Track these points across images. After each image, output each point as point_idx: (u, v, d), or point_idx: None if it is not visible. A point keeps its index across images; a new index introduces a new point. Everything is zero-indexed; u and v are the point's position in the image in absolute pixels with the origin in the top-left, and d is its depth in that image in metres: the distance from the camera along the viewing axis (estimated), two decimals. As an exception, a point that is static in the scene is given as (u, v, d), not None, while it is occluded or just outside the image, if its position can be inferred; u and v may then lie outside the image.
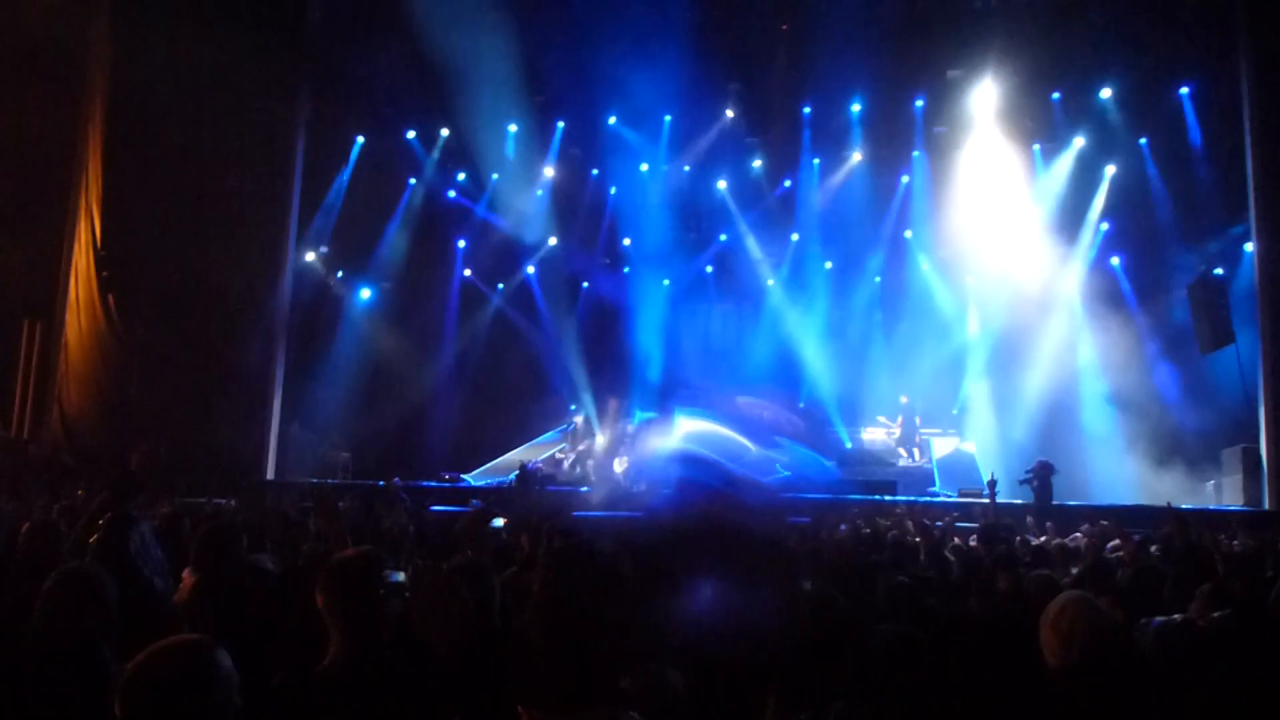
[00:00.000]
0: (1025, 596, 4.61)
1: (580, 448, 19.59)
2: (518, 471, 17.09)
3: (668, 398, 20.63)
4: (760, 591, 2.99)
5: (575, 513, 10.89)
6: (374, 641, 2.74)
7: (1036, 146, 19.37)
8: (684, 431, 18.94)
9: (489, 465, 19.98)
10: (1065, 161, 19.19)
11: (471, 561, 3.37)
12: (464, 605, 2.70)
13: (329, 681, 2.70)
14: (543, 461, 19.35)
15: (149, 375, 17.54)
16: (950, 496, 16.25)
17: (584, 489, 16.22)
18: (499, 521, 7.84)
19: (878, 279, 21.10)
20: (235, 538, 4.38)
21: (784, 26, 18.86)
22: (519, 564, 5.61)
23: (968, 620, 4.41)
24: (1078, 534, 9.75)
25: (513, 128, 20.42)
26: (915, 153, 20.13)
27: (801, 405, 20.66)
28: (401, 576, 2.83)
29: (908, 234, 20.78)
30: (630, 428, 19.80)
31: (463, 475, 18.60)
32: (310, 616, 2.81)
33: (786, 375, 20.76)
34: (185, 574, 4.29)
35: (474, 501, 13.84)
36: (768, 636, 2.92)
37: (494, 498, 14.26)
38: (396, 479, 15.32)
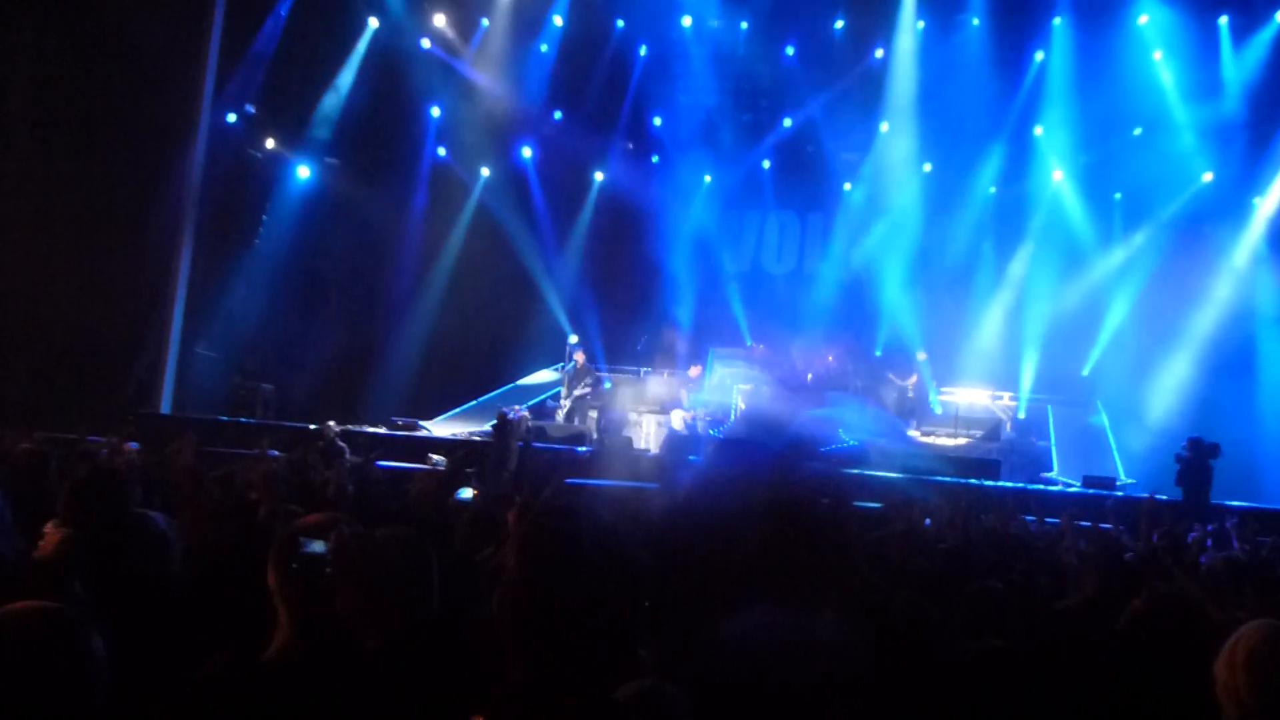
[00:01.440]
0: (1159, 616, 4.66)
1: (579, 392, 19.67)
2: (494, 422, 16.76)
3: (701, 337, 21.08)
4: (822, 601, 3.01)
5: (569, 480, 11.01)
6: (332, 630, 2.82)
7: (1224, 20, 19.18)
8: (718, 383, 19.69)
9: (458, 411, 20.24)
10: (1263, 42, 18.95)
11: (408, 532, 3.46)
12: (403, 588, 2.79)
13: (274, 676, 2.75)
14: (529, 410, 19.16)
15: (5, 271, 17.69)
16: (1071, 485, 16.40)
17: (581, 449, 16.60)
18: (467, 493, 8.06)
19: (992, 189, 21.10)
20: (117, 489, 4.41)
21: None
22: (499, 542, 5.75)
23: (1088, 641, 4.52)
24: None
25: (512, -47, 20.98)
26: (1055, 19, 19.97)
27: (879, 354, 20.81)
28: (322, 547, 2.82)
29: (1038, 131, 20.75)
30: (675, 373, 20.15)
31: (422, 423, 18.92)
32: (238, 597, 2.90)
33: (860, 312, 20.88)
34: (48, 528, 4.35)
35: (435, 459, 14.09)
36: (826, 662, 2.91)
37: (462, 454, 13.61)
38: (332, 422, 15.47)
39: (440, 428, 19.33)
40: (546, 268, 22.20)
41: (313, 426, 15.60)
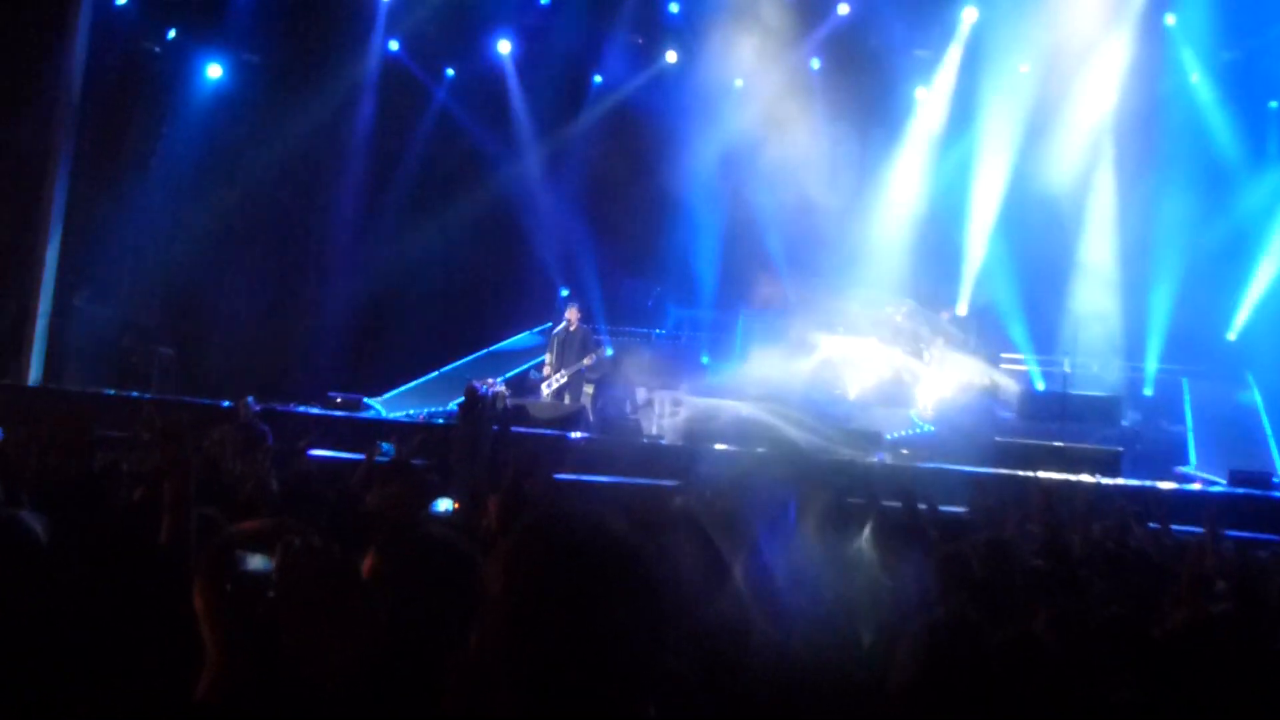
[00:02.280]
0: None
1: (574, 363, 19.65)
2: (461, 399, 16.95)
3: (728, 290, 21.82)
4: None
5: (558, 475, 11.41)
6: (277, 666, 2.82)
7: None
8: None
9: (414, 385, 20.72)
10: None
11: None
12: (367, 614, 2.77)
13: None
14: (505, 384, 19.94)
15: None
16: (1215, 483, 16.42)
17: (575, 435, 16.84)
18: (444, 504, 8.20)
19: (1111, 97, 20.85)
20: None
21: None
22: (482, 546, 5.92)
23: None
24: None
25: None
26: None
27: (960, 313, 21.01)
28: (265, 563, 2.78)
29: (1169, 20, 20.81)
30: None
31: (368, 400, 19.18)
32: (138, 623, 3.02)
33: (937, 257, 21.00)
34: None
35: (384, 446, 13.71)
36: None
37: (418, 441, 14.41)
38: (250, 398, 15.82)
39: (392, 406, 19.69)
40: (530, 200, 22.32)
41: (226, 404, 15.75)
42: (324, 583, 2.77)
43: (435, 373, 21.12)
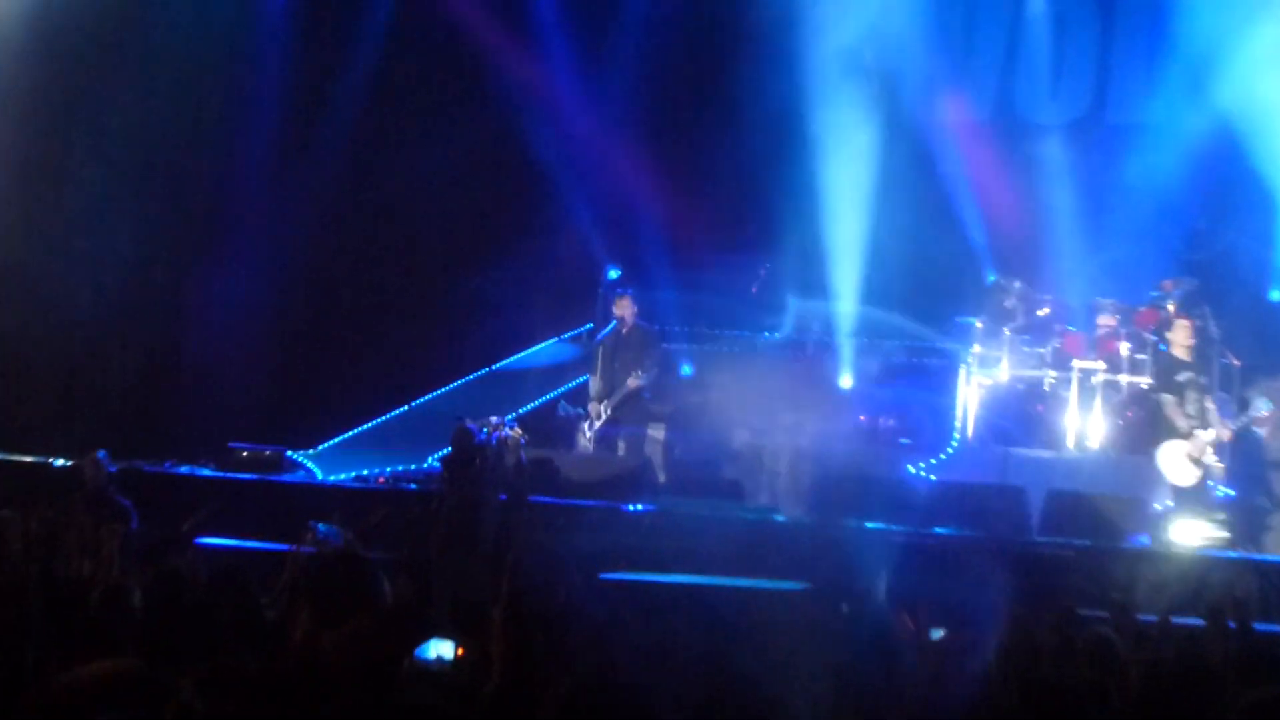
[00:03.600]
0: None
1: (630, 384, 19.82)
2: (448, 450, 17.63)
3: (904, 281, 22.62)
4: None
5: (605, 574, 11.82)
6: None
7: None
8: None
9: (367, 429, 21.70)
10: None
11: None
12: None
13: None
14: (516, 425, 19.14)
15: None
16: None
17: (634, 507, 17.40)
18: (442, 649, 8.89)
19: None
20: None
21: None
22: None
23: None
24: None
25: None
26: None
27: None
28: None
29: None
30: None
31: (294, 454, 20.09)
32: None
33: (1228, 211, 22.22)
34: None
35: (321, 530, 15.05)
36: None
37: (378, 519, 16.37)
38: (102, 454, 16.32)
39: (332, 464, 20.49)
40: (556, 131, 23.24)
41: (60, 463, 17.14)
42: None
43: (401, 408, 21.67)
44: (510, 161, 23.47)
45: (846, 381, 22.21)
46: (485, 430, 17.52)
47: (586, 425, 20.29)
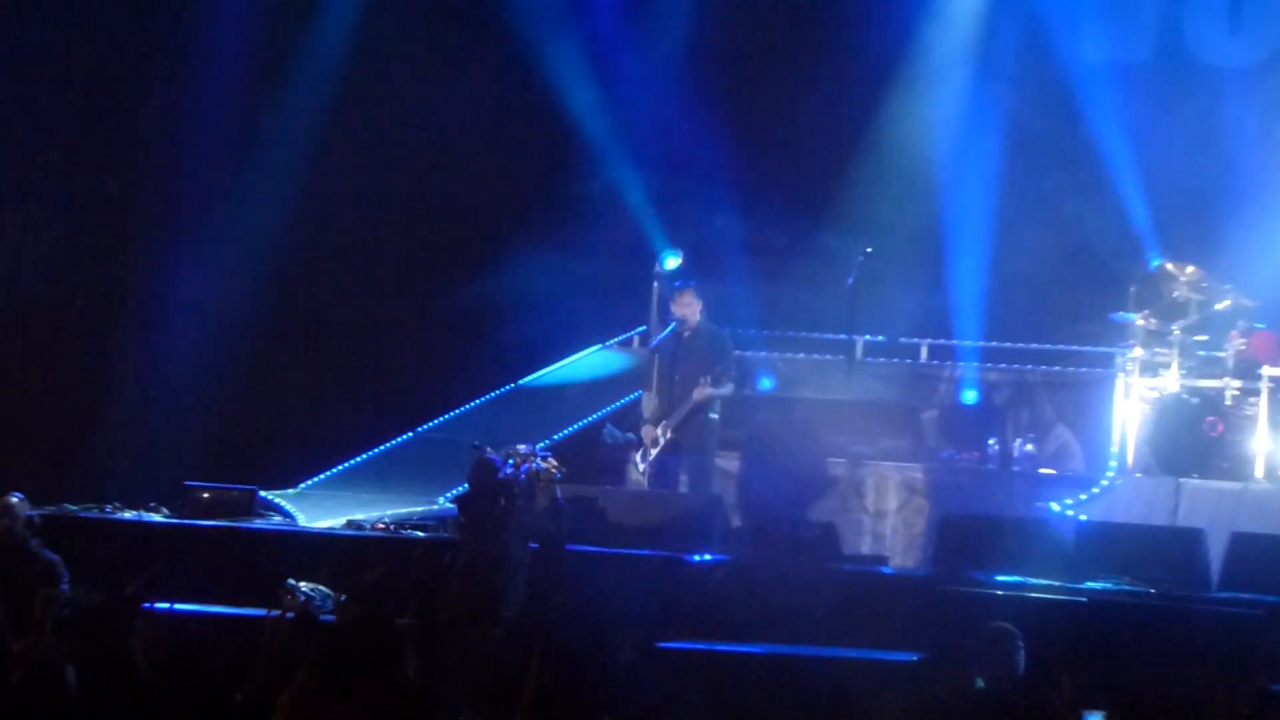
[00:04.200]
0: None
1: (695, 396, 19.52)
2: (462, 489, 17.64)
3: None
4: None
5: (664, 643, 12.93)
6: None
7: None
8: None
9: (359, 463, 21.61)
10: None
11: None
12: None
13: None
14: (550, 455, 18.80)
15: None
16: None
17: (699, 557, 17.18)
18: None
19: None
20: None
21: None
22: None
23: None
24: None
25: None
26: None
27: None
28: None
29: None
30: None
31: (268, 494, 19.94)
32: None
33: None
34: None
35: (301, 588, 15.72)
36: None
37: (376, 579, 15.42)
38: (16, 497, 16.36)
39: (316, 508, 20.10)
40: (596, 92, 23.33)
41: None
42: None
43: (404, 436, 21.24)
44: (536, 120, 23.57)
45: (970, 396, 21.92)
46: (511, 462, 17.31)
47: (639, 455, 19.87)
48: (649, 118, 23.95)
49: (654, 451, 19.73)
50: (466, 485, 17.16)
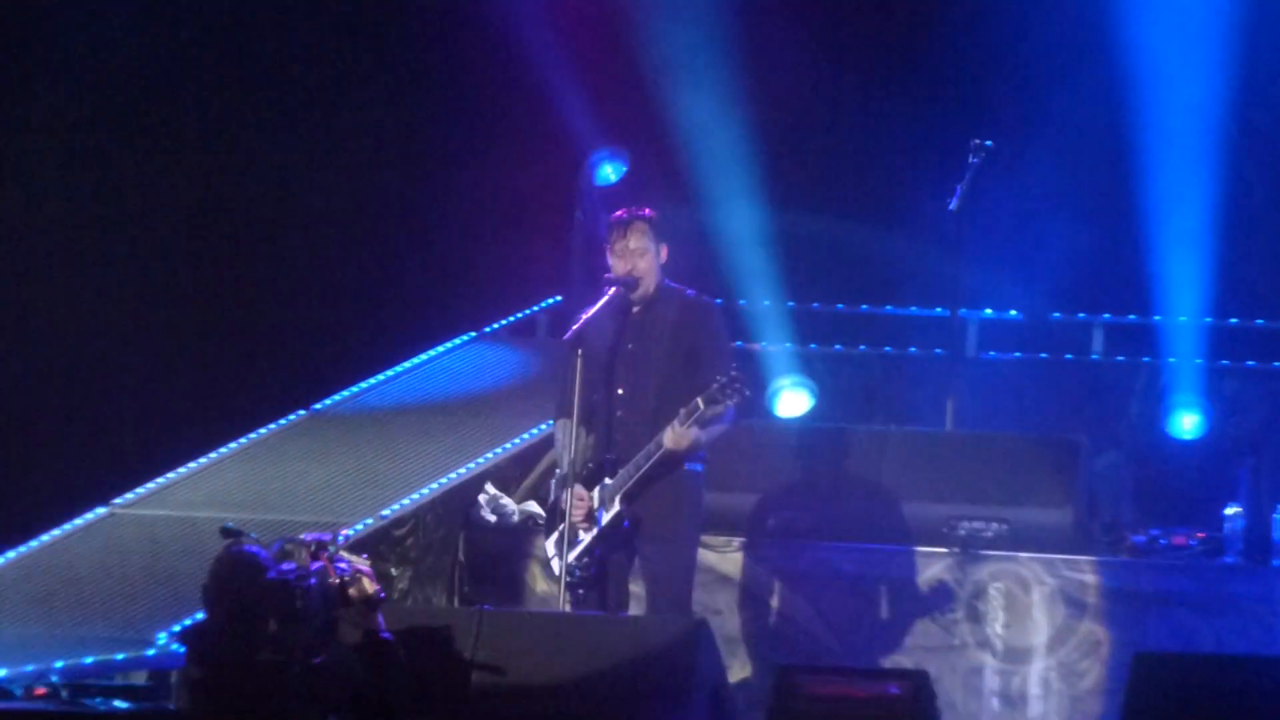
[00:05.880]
0: None
1: (664, 445, 15.17)
2: (199, 618, 15.13)
3: None
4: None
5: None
6: None
7: None
8: None
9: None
10: None
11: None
12: None
13: None
14: (360, 556, 15.39)
15: None
16: None
17: None
18: None
19: None
20: None
21: None
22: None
23: None
24: None
25: None
26: None
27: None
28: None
29: None
30: None
31: None
32: None
33: None
34: None
35: None
36: None
37: None
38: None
39: None
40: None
41: None
42: None
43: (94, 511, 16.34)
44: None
45: (1190, 424, 17.29)
46: (291, 562, 11.73)
47: (551, 543, 14.50)
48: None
49: (584, 538, 14.41)
50: (204, 609, 11.71)
